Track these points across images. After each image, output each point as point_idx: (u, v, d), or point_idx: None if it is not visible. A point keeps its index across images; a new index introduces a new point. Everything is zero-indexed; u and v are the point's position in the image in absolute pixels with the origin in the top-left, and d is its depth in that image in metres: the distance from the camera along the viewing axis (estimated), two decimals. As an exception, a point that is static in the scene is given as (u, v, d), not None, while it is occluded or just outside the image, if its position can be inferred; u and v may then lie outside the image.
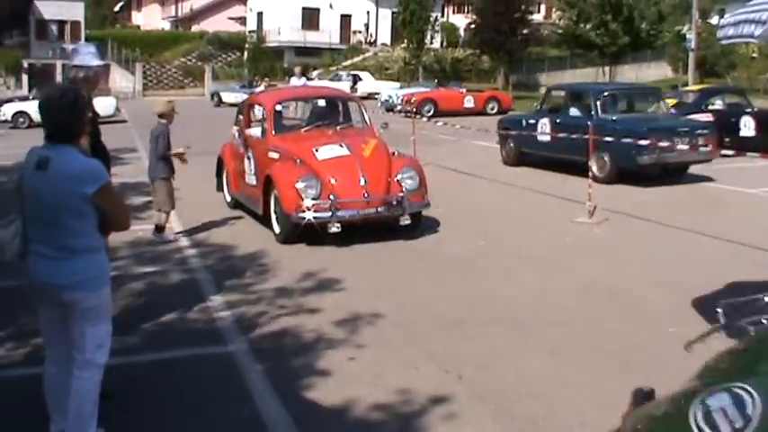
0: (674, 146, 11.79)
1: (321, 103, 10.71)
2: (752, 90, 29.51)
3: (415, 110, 20.07)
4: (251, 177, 9.68)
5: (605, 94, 13.97)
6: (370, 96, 33.91)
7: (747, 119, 15.94)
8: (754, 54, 42.33)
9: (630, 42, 39.32)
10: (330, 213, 8.17)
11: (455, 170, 14.19)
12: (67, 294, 3.57)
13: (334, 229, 8.17)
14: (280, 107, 10.26)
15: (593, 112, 13.39)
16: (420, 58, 44.62)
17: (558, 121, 13.99)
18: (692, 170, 13.63)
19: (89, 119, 4.12)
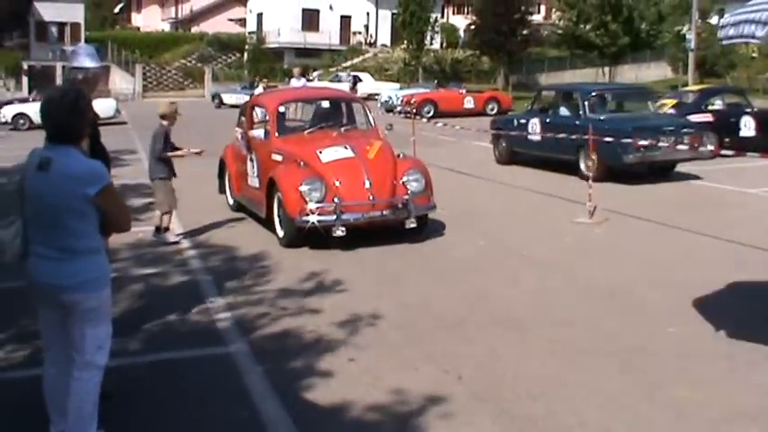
0: (659, 144, 11.99)
1: (324, 104, 10.51)
2: (752, 90, 29.50)
3: (414, 111, 20.07)
4: (254, 180, 9.57)
5: (593, 95, 14.16)
6: (369, 97, 33.84)
7: (747, 119, 15.94)
8: (754, 54, 42.32)
9: (630, 43, 39.32)
10: (334, 217, 8.07)
11: (455, 171, 14.19)
12: (68, 295, 3.58)
13: (339, 232, 8.06)
14: (283, 108, 10.10)
15: (581, 112, 13.56)
16: (420, 58, 44.63)
17: (548, 120, 14.23)
18: (690, 170, 13.64)
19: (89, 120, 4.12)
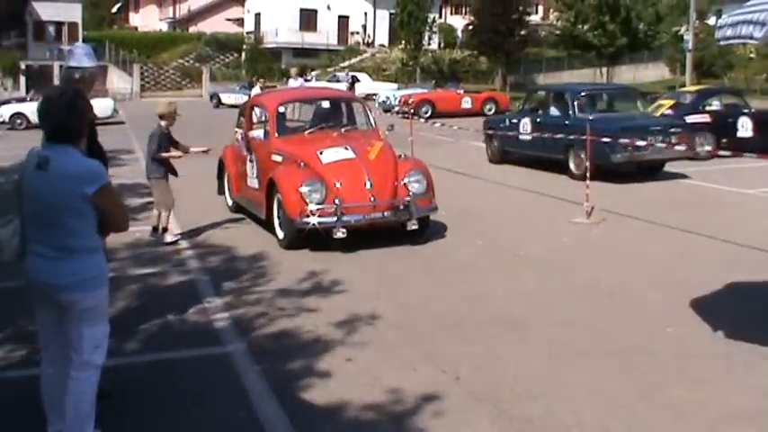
0: (647, 144, 12.11)
1: (325, 104, 10.41)
2: (749, 91, 29.53)
3: (412, 111, 20.05)
4: (253, 181, 9.49)
5: (582, 95, 14.36)
6: (367, 97, 33.72)
7: (745, 119, 15.96)
8: (752, 55, 42.33)
9: (628, 43, 39.37)
10: (335, 218, 7.99)
11: (452, 171, 14.18)
12: (65, 295, 3.57)
13: (340, 234, 7.97)
14: (282, 109, 10.00)
15: (570, 112, 13.73)
16: (418, 59, 44.70)
17: (539, 120, 14.43)
18: (689, 170, 13.65)
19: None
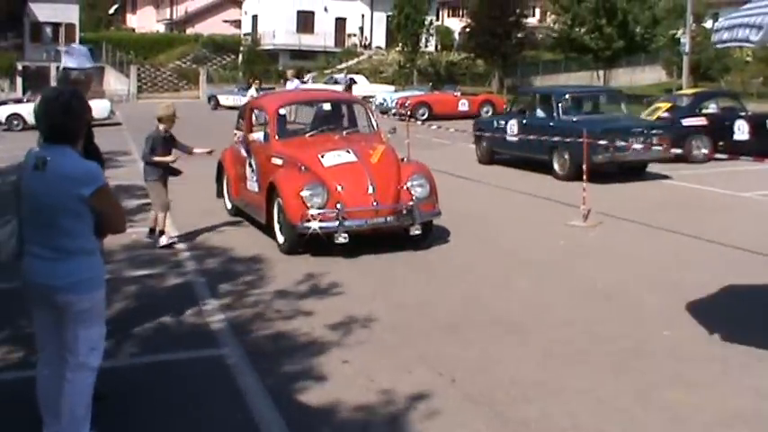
0: (627, 145, 12.32)
1: (326, 106, 10.27)
2: (746, 94, 29.52)
3: (409, 113, 20.06)
4: (253, 184, 9.38)
5: (566, 97, 14.70)
6: (364, 100, 33.81)
7: (741, 122, 16.02)
8: (748, 58, 42.37)
9: (625, 46, 39.35)
10: (337, 223, 7.85)
11: (449, 173, 14.17)
12: (61, 296, 3.56)
13: (341, 239, 7.83)
14: (283, 111, 9.84)
15: (554, 114, 14.07)
16: (415, 61, 44.67)
17: (525, 122, 14.78)
18: (686, 174, 13.67)
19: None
